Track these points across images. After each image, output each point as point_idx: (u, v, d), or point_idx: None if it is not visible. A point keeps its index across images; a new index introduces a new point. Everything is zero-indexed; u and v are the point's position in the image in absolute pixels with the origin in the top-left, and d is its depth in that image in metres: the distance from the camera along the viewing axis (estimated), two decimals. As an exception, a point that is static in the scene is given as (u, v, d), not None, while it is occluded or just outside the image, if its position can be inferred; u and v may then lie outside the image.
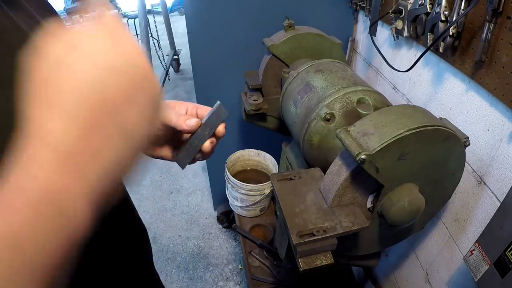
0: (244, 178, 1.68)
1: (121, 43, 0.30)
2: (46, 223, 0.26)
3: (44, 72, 0.28)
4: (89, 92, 0.28)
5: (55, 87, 0.27)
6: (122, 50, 0.30)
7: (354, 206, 0.79)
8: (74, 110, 0.27)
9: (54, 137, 0.27)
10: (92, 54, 0.29)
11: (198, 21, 1.52)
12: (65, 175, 0.27)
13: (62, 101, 0.27)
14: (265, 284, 1.49)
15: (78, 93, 0.27)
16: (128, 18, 5.70)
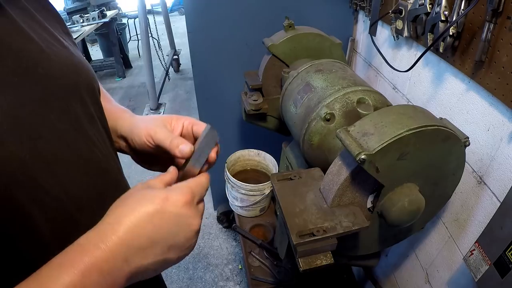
0: (244, 178, 1.68)
1: (185, 236, 0.43)
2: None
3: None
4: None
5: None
6: (183, 241, 0.43)
7: (354, 206, 0.79)
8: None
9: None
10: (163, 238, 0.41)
11: (198, 21, 1.52)
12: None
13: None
14: (265, 284, 1.49)
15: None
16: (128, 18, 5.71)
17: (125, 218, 0.39)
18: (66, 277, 0.34)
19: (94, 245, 0.37)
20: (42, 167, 0.39)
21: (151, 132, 0.55)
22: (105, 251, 0.36)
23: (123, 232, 0.38)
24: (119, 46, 4.60)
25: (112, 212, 0.41)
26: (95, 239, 0.37)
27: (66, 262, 0.35)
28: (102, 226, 0.39)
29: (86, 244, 0.37)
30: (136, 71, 5.06)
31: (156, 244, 0.40)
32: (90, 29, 3.88)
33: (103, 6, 4.49)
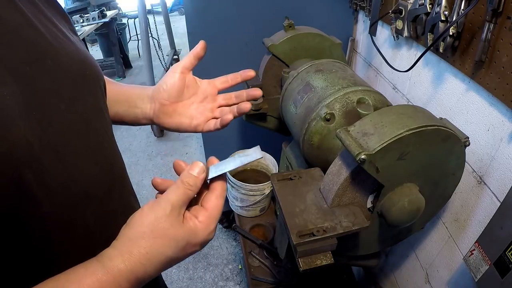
0: (244, 178, 1.68)
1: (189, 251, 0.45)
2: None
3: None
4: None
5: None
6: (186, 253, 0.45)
7: (354, 206, 0.79)
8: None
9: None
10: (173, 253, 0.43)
11: (198, 21, 1.52)
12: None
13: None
14: (265, 284, 1.49)
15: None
16: (128, 18, 5.71)
17: (142, 259, 0.41)
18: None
19: (120, 275, 0.39)
20: (51, 154, 0.40)
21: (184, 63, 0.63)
22: (131, 283, 0.40)
23: (152, 270, 0.42)
24: (119, 46, 4.60)
25: (139, 253, 0.41)
26: (124, 272, 0.40)
27: (87, 278, 0.38)
28: (120, 257, 0.41)
29: (113, 273, 0.39)
30: (136, 71, 5.06)
31: (167, 266, 0.44)
32: (90, 29, 3.88)
33: (103, 6, 4.49)
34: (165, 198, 0.43)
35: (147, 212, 0.43)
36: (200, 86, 0.68)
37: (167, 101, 0.65)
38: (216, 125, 0.66)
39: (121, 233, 0.42)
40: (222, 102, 0.69)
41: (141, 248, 0.40)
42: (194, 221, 0.44)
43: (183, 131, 0.67)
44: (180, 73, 0.64)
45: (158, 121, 0.67)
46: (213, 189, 0.47)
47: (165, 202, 0.43)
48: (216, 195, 0.46)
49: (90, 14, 3.97)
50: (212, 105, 0.69)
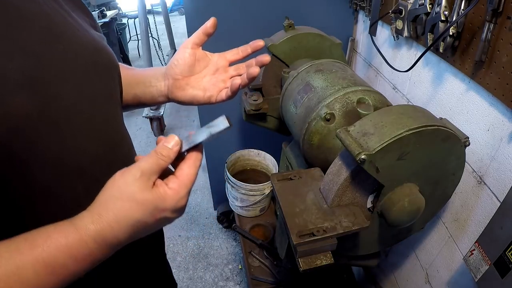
0: (244, 178, 1.68)
1: (164, 216, 0.45)
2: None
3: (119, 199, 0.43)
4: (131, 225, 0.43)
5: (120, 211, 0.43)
6: (161, 219, 0.45)
7: (354, 206, 0.79)
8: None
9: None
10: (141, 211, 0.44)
11: (198, 21, 1.50)
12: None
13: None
14: (265, 284, 1.49)
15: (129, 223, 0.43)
16: (128, 18, 5.71)
17: (111, 221, 0.42)
18: (49, 254, 0.38)
19: (93, 239, 0.41)
20: (50, 126, 0.44)
21: (194, 39, 0.64)
22: (104, 247, 0.42)
23: (123, 235, 0.43)
24: (119, 46, 4.59)
25: (106, 210, 0.43)
26: (84, 226, 0.41)
27: (52, 241, 0.39)
28: (103, 223, 0.42)
29: (86, 235, 0.41)
30: (136, 71, 5.05)
31: (138, 236, 0.46)
32: (90, 29, 3.87)
33: (103, 6, 4.49)
34: (136, 165, 0.44)
35: (118, 178, 0.44)
36: (211, 59, 0.69)
37: (180, 75, 0.67)
38: (227, 93, 0.66)
39: (96, 198, 0.44)
40: (234, 73, 0.70)
41: (110, 210, 0.42)
42: (164, 187, 0.45)
43: (196, 104, 0.68)
44: (190, 48, 0.66)
45: (173, 96, 0.69)
46: (187, 159, 0.48)
47: (135, 169, 0.44)
48: (188, 165, 0.47)
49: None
50: (225, 76, 0.69)
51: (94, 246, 0.41)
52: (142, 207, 0.43)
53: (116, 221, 0.42)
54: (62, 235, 0.39)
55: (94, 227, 0.41)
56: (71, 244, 0.39)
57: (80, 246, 0.40)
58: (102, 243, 0.41)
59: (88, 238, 0.40)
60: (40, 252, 0.37)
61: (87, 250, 0.40)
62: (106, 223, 0.41)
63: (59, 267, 0.39)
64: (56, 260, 0.38)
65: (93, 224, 0.41)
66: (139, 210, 0.43)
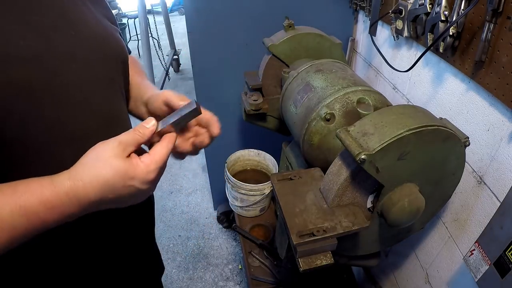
0: (244, 178, 1.68)
1: (137, 186, 0.50)
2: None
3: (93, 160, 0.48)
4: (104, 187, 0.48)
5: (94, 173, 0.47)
6: (133, 186, 0.50)
7: (354, 206, 0.79)
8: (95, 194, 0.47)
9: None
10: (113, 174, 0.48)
11: (198, 21, 1.52)
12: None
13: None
14: (265, 284, 1.49)
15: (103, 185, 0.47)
16: (128, 18, 5.71)
17: (84, 178, 0.47)
18: (25, 199, 0.43)
19: (66, 194, 0.45)
20: (49, 97, 0.49)
21: (165, 93, 0.67)
22: (76, 204, 0.46)
23: (96, 195, 0.47)
24: (119, 46, 4.59)
25: (83, 169, 0.48)
26: (71, 191, 0.46)
27: (30, 188, 0.44)
28: (78, 183, 0.46)
29: (62, 191, 0.45)
30: (136, 71, 5.05)
31: (109, 204, 0.50)
32: (90, 29, 3.87)
33: (103, 6, 4.48)
34: (116, 137, 0.50)
35: (98, 145, 0.50)
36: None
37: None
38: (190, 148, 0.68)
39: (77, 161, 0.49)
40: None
41: (85, 170, 0.47)
42: (137, 159, 0.50)
43: None
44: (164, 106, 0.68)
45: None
46: (161, 140, 0.54)
47: (114, 139, 0.50)
48: (162, 145, 0.53)
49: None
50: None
51: (65, 199, 0.45)
52: (113, 170, 0.47)
53: (89, 181, 0.46)
54: (39, 185, 0.45)
55: (68, 182, 0.45)
56: (45, 194, 0.44)
57: (52, 197, 0.44)
58: (73, 198, 0.46)
59: (60, 191, 0.45)
60: (18, 196, 0.43)
61: (58, 202, 0.45)
62: (79, 180, 0.46)
63: (31, 213, 0.43)
64: (30, 205, 0.43)
65: (69, 180, 0.46)
66: (109, 172, 0.47)
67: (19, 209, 0.42)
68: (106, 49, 0.60)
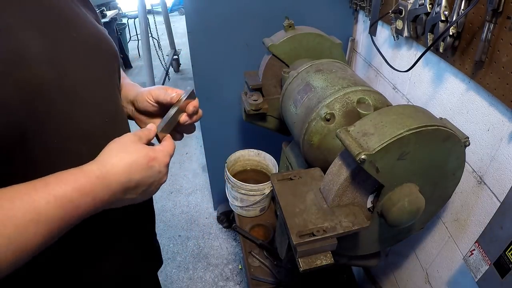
0: (244, 178, 1.68)
1: (154, 173, 0.56)
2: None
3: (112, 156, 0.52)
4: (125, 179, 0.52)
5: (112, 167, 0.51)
6: (152, 175, 0.56)
7: (354, 206, 0.79)
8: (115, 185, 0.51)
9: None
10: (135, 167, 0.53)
11: (198, 21, 1.52)
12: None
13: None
14: (265, 284, 1.49)
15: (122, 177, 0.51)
16: (128, 18, 5.71)
17: (122, 168, 0.51)
18: (59, 189, 0.44)
19: (95, 179, 0.48)
20: (62, 96, 0.51)
21: (151, 92, 0.73)
22: (105, 187, 0.49)
23: (121, 178, 0.51)
24: (119, 46, 4.60)
25: (109, 156, 0.52)
26: (97, 175, 0.48)
27: (69, 180, 0.46)
28: (103, 168, 0.50)
29: (89, 176, 0.48)
30: (136, 71, 5.06)
31: (135, 189, 0.54)
32: (90, 29, 3.87)
33: (103, 6, 4.49)
34: (128, 133, 0.57)
35: (115, 140, 0.55)
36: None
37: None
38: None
39: (98, 155, 0.53)
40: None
41: (111, 155, 0.52)
42: (153, 146, 0.58)
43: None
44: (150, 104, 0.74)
45: (137, 123, 0.80)
46: (166, 138, 0.65)
47: (128, 134, 0.56)
48: (168, 140, 0.64)
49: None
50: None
51: (97, 182, 0.48)
52: (137, 151, 0.53)
53: (116, 163, 0.50)
54: (70, 174, 0.47)
55: (98, 167, 0.49)
56: (78, 180, 0.46)
57: (85, 181, 0.46)
58: (104, 181, 0.48)
59: (92, 175, 0.48)
60: (51, 188, 0.44)
61: (91, 186, 0.47)
62: (108, 163, 0.50)
63: (66, 201, 0.44)
64: (64, 194, 0.44)
65: (98, 165, 0.49)
66: (134, 153, 0.53)
67: (54, 199, 0.43)
68: (103, 49, 0.64)
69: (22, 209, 0.41)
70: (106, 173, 0.49)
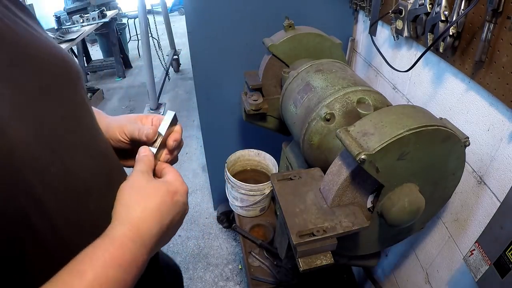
0: (244, 178, 1.68)
1: (177, 207, 0.50)
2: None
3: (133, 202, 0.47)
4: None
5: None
6: (176, 209, 0.50)
7: (354, 206, 0.79)
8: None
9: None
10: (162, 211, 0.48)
11: (198, 21, 1.52)
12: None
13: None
14: (265, 284, 1.49)
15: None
16: (128, 18, 5.71)
17: (139, 215, 0.45)
18: (99, 274, 0.38)
19: (131, 240, 0.42)
20: (47, 152, 0.42)
21: (124, 128, 0.63)
22: (141, 245, 0.43)
23: (153, 228, 0.45)
24: (119, 46, 4.60)
25: (131, 208, 0.46)
26: (130, 235, 0.42)
27: (96, 259, 0.39)
28: (131, 225, 0.44)
29: (123, 241, 0.42)
30: (136, 71, 5.06)
31: (169, 232, 0.49)
32: (90, 29, 3.88)
33: (103, 6, 4.49)
34: (132, 172, 0.51)
35: (123, 186, 0.49)
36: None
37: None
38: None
39: (112, 212, 0.46)
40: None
41: (132, 209, 0.45)
42: (162, 178, 0.53)
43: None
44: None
45: None
46: (166, 166, 0.58)
47: (133, 172, 0.51)
48: (169, 167, 0.57)
49: (90, 14, 3.97)
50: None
51: (134, 246, 0.42)
52: (157, 191, 0.48)
53: (142, 214, 0.45)
54: (102, 250, 0.40)
55: (126, 227, 0.43)
56: (114, 254, 0.40)
57: (122, 253, 0.40)
58: (139, 239, 0.43)
59: (126, 240, 0.42)
60: (91, 277, 0.37)
61: (130, 255, 0.41)
62: (134, 218, 0.44)
63: (111, 282, 0.38)
64: (107, 277, 0.38)
65: (123, 225, 0.43)
66: (156, 194, 0.47)
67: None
68: (69, 71, 0.51)
69: None
70: (137, 229, 0.43)
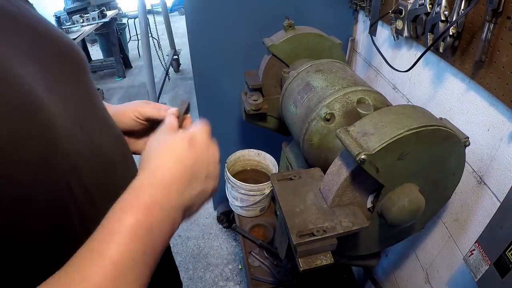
0: (244, 178, 1.68)
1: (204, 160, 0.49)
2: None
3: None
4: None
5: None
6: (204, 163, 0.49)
7: (354, 206, 0.79)
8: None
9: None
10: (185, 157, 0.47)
11: (198, 21, 1.52)
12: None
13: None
14: (265, 284, 1.49)
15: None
16: (128, 18, 5.71)
17: (167, 159, 0.45)
18: (131, 218, 0.37)
19: (149, 184, 0.42)
20: (77, 128, 0.44)
21: (139, 109, 0.64)
22: (162, 188, 0.42)
23: (172, 169, 0.45)
24: (119, 46, 4.60)
25: (150, 160, 0.46)
26: (149, 180, 0.42)
27: (126, 205, 0.39)
28: (149, 171, 0.44)
29: (142, 186, 0.41)
30: (136, 71, 5.06)
31: (197, 175, 0.47)
32: (90, 29, 3.88)
33: (103, 6, 4.49)
34: (156, 131, 0.52)
35: (150, 140, 0.50)
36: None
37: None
38: None
39: (139, 164, 0.48)
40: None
41: (153, 155, 0.46)
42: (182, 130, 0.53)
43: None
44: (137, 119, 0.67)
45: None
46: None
47: (158, 131, 0.52)
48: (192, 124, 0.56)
49: (90, 14, 3.97)
50: None
51: (155, 191, 0.41)
52: (173, 139, 0.48)
53: (156, 159, 0.45)
54: (128, 205, 0.40)
55: (143, 174, 0.43)
56: (140, 199, 0.40)
57: (138, 200, 0.40)
58: (155, 181, 0.42)
59: (143, 185, 0.42)
60: (116, 237, 0.36)
61: (148, 196, 0.40)
62: (151, 165, 0.44)
63: (142, 232, 0.38)
64: (133, 227, 0.37)
65: (142, 173, 0.43)
66: (172, 141, 0.48)
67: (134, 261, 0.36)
68: (78, 57, 0.53)
69: (100, 273, 0.34)
70: (162, 183, 0.42)
